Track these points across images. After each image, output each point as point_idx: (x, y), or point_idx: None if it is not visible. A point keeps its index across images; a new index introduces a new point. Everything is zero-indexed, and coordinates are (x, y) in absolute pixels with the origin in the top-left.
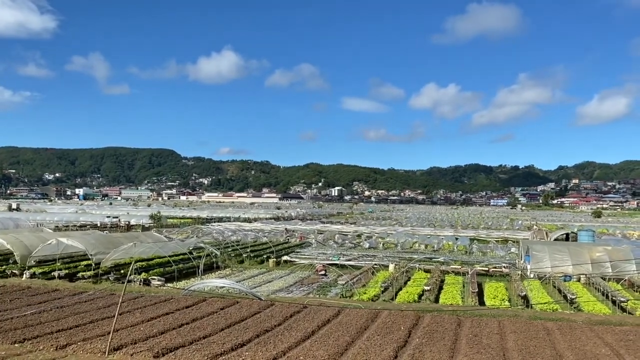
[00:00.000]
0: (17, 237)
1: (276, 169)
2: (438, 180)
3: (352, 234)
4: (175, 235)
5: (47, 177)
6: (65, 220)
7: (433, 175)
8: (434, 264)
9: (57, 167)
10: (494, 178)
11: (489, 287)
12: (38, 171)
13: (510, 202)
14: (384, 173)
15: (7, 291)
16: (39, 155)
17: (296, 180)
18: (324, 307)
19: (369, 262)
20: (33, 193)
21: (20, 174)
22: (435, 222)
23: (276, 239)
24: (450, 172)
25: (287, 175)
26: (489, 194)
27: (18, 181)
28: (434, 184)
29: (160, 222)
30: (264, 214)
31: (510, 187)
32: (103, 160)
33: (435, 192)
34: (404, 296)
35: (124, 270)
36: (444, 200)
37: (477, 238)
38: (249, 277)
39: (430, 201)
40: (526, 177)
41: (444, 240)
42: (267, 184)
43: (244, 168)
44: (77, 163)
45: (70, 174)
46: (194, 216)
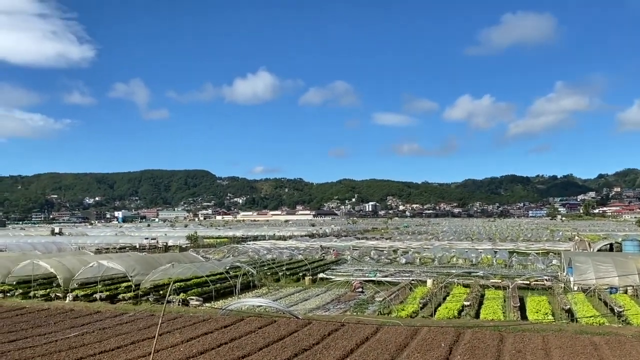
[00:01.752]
0: (60, 261)
1: (309, 186)
2: (474, 193)
3: (387, 249)
4: (211, 255)
5: (88, 201)
6: (105, 243)
7: (468, 188)
8: (473, 279)
9: (96, 191)
10: (531, 189)
11: (531, 301)
12: (79, 195)
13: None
14: (418, 187)
15: (51, 314)
16: (80, 180)
17: (329, 196)
18: (362, 325)
19: (406, 277)
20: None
21: (62, 199)
22: (473, 235)
23: (311, 257)
24: (486, 184)
25: (320, 192)
26: (527, 205)
27: (60, 206)
28: (470, 196)
29: (197, 242)
30: (298, 232)
31: (548, 198)
32: (140, 183)
33: (471, 205)
34: (443, 312)
35: (163, 290)
36: (480, 213)
37: (517, 251)
38: (285, 295)
39: (467, 214)
40: (565, 186)
41: (482, 254)
42: (300, 201)
43: (277, 186)
44: (116, 186)
45: (109, 198)
46: (229, 235)
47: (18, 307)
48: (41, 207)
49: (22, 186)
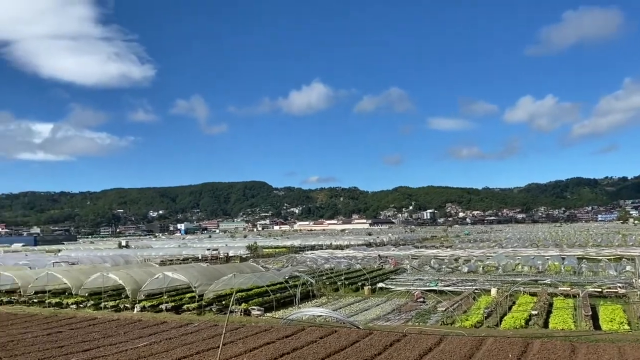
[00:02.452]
0: (127, 273)
1: (364, 194)
2: (537, 197)
3: (448, 258)
4: (271, 265)
5: (151, 215)
6: (169, 255)
7: (532, 192)
8: (540, 287)
9: (160, 205)
10: (599, 191)
11: (604, 310)
12: (143, 209)
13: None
14: (478, 193)
15: (121, 324)
16: (144, 195)
17: (385, 205)
18: (424, 335)
19: (469, 287)
20: (139, 230)
21: (127, 213)
22: (538, 241)
23: (369, 266)
24: (550, 187)
25: (375, 200)
26: (596, 209)
27: (126, 220)
28: (534, 201)
29: (257, 252)
30: (355, 241)
31: (619, 200)
32: (201, 195)
33: (536, 210)
34: (509, 322)
35: (226, 301)
36: (545, 218)
37: (586, 257)
38: (344, 305)
39: (531, 219)
40: (637, 188)
41: (549, 261)
42: (356, 210)
43: (332, 195)
44: (178, 200)
45: (172, 210)
46: (287, 245)
47: (90, 318)
48: (108, 221)
49: (90, 202)
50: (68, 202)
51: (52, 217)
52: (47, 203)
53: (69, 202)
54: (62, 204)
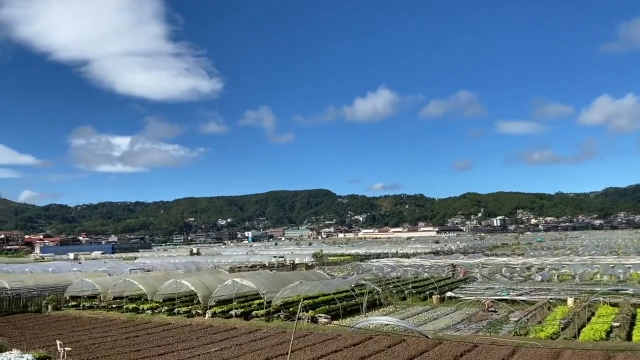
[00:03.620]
0: (199, 279)
1: (430, 201)
2: (616, 202)
3: (520, 266)
4: (336, 273)
5: (220, 223)
6: (237, 262)
7: (610, 197)
8: (622, 297)
9: (228, 213)
10: None
11: None
12: (212, 218)
13: None
14: (551, 198)
15: (193, 329)
16: (213, 204)
17: (453, 212)
18: (497, 346)
19: (543, 296)
20: (209, 238)
21: (198, 221)
22: (618, 249)
23: (437, 274)
24: (630, 191)
25: (442, 207)
26: None
27: (196, 228)
28: (612, 206)
29: (322, 260)
30: (421, 249)
31: None
32: (267, 204)
33: (615, 216)
34: (588, 333)
35: (293, 307)
36: (625, 224)
37: None
38: (412, 314)
39: (610, 225)
40: None
41: (631, 270)
42: (422, 217)
43: (397, 203)
44: (245, 208)
45: (240, 219)
46: (352, 253)
47: (165, 323)
48: (180, 229)
49: (164, 211)
50: (142, 212)
51: (128, 226)
52: (123, 213)
53: (143, 212)
54: (137, 213)
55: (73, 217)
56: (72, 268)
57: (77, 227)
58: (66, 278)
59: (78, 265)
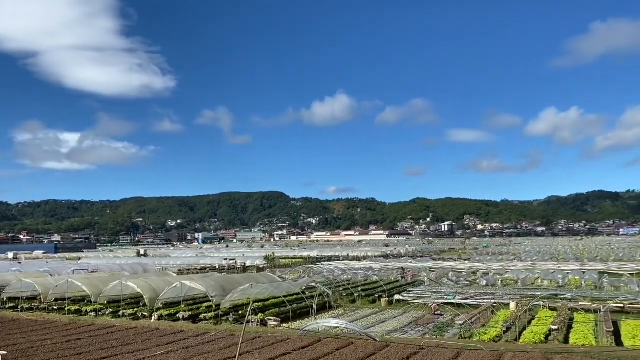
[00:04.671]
0: (145, 281)
1: (382, 205)
2: (558, 210)
3: (466, 270)
4: (287, 275)
5: (170, 224)
6: (186, 264)
7: (552, 205)
8: (560, 301)
9: (178, 214)
10: (621, 205)
11: (627, 326)
12: (161, 218)
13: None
14: (497, 205)
15: (138, 332)
16: (162, 204)
17: (403, 216)
18: (442, 349)
19: (488, 300)
20: (158, 239)
21: (146, 222)
22: (558, 255)
23: (387, 277)
24: (571, 200)
25: (393, 211)
26: (618, 223)
27: (144, 228)
28: (554, 214)
29: (274, 263)
30: (372, 252)
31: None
32: (219, 205)
33: (556, 223)
34: (528, 336)
35: (242, 310)
36: (565, 232)
37: (608, 271)
38: (361, 317)
39: (551, 233)
40: None
41: (569, 275)
42: (373, 221)
43: (350, 206)
44: (196, 209)
45: (190, 220)
46: (304, 256)
47: (109, 326)
48: (127, 230)
49: (110, 210)
50: (88, 211)
51: (73, 226)
52: (68, 211)
53: (89, 211)
54: (82, 212)
55: (14, 214)
56: (11, 268)
57: (18, 226)
58: (4, 278)
59: (17, 265)
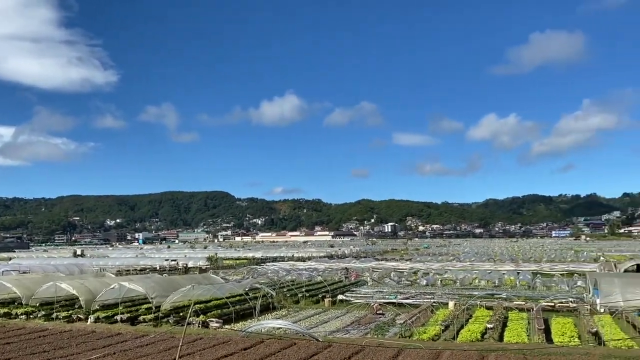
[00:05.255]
0: (82, 283)
1: (328, 206)
2: (495, 213)
3: (408, 271)
4: (231, 276)
5: (109, 223)
6: (126, 265)
7: (490, 208)
8: (496, 301)
9: (117, 213)
10: (554, 208)
11: (556, 324)
12: (100, 217)
13: (573, 232)
14: (438, 207)
15: (73, 335)
16: (101, 202)
17: (348, 217)
18: (383, 348)
19: (428, 300)
20: (96, 239)
21: (83, 221)
22: (495, 256)
23: (331, 278)
24: (507, 203)
25: (338, 212)
26: (550, 225)
27: (82, 228)
28: (491, 216)
29: (217, 264)
30: (317, 253)
31: (572, 217)
32: (161, 204)
33: (493, 225)
34: (466, 335)
35: (183, 312)
36: (502, 233)
37: (540, 272)
38: (305, 317)
39: (488, 234)
40: (589, 206)
41: (505, 275)
42: (319, 222)
43: (296, 207)
44: (137, 208)
45: (130, 219)
46: (248, 256)
47: (41, 329)
48: (64, 229)
49: (45, 208)
50: (21, 209)
51: (4, 224)
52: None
53: (22, 209)
54: (14, 210)
55: None
56: None
57: None
58: None
59: None
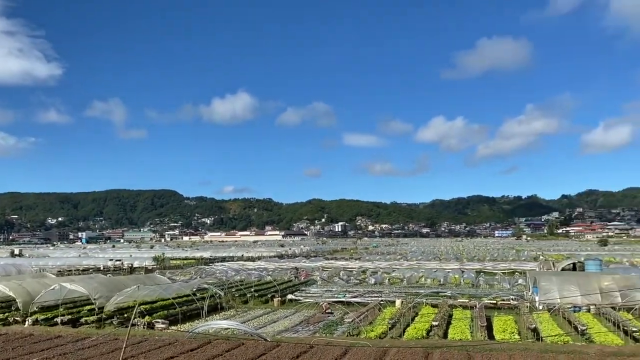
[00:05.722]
0: (19, 284)
1: (279, 206)
2: (441, 213)
3: (357, 269)
4: (178, 277)
5: (50, 222)
6: (68, 265)
7: (436, 208)
8: (441, 299)
9: (59, 212)
10: (497, 209)
11: (498, 321)
12: (41, 216)
13: (514, 232)
14: (387, 207)
15: (9, 339)
16: (42, 200)
17: (299, 217)
18: (331, 347)
19: (376, 298)
20: (36, 238)
21: (22, 220)
22: (441, 255)
23: (280, 278)
24: (453, 204)
25: (289, 212)
26: (493, 225)
27: (21, 227)
28: (438, 216)
29: (164, 264)
30: (267, 252)
31: (514, 218)
32: (106, 203)
33: (439, 225)
34: (412, 332)
35: (128, 314)
36: (448, 233)
37: (484, 270)
38: (253, 317)
39: (435, 234)
40: (529, 207)
41: (450, 274)
42: (269, 221)
43: (246, 206)
44: (80, 207)
45: (73, 218)
46: (197, 257)
47: None
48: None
49: None
50: None
51: None
52: None
53: None
54: None
55: None
56: None
57: None
58: None
59: None
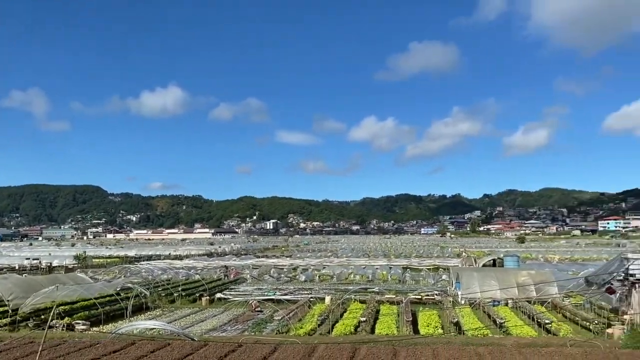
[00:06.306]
0: None
1: (209, 203)
2: (371, 211)
3: (287, 267)
4: (101, 276)
5: None
6: None
7: (366, 206)
8: (369, 295)
9: None
10: (423, 207)
11: (423, 316)
12: None
13: (439, 230)
14: (318, 205)
15: None
16: None
17: (230, 214)
18: (260, 345)
19: (305, 295)
20: None
21: None
22: (370, 252)
23: (209, 276)
24: (382, 202)
25: (220, 209)
26: (420, 223)
27: None
28: (368, 214)
29: (86, 263)
30: (196, 251)
31: (439, 216)
32: (22, 198)
33: (369, 222)
34: (340, 329)
35: (45, 315)
36: (377, 230)
37: (410, 267)
38: (181, 317)
39: (364, 231)
40: (454, 205)
41: (378, 270)
42: (199, 219)
43: (174, 203)
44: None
45: None
46: (121, 255)
47: None
48: None
49: None
50: None
51: None
52: None
53: None
54: None
55: None
56: None
57: None
58: None
59: None
